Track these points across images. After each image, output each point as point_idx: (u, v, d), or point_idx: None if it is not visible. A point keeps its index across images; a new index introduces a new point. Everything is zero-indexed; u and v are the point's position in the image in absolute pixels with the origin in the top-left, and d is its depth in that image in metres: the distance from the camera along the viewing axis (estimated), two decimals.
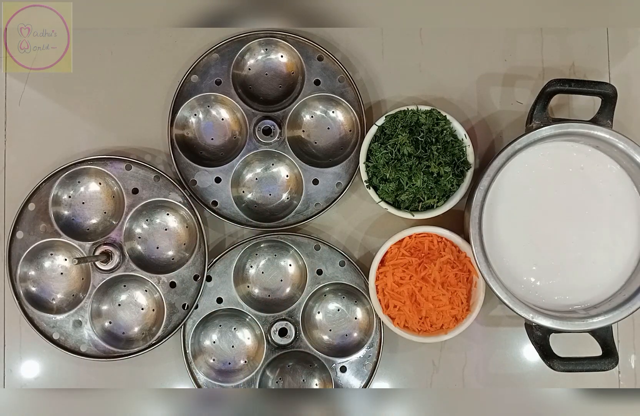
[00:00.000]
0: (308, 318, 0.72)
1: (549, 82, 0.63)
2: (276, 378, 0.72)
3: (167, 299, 0.69)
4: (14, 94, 0.73)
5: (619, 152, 0.64)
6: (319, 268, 0.71)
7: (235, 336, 0.72)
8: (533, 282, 0.66)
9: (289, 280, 0.73)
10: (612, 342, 0.64)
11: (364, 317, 0.72)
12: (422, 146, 0.66)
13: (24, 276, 0.69)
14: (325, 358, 0.70)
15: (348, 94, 0.71)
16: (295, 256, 0.72)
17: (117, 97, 0.73)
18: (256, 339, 0.72)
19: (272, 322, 0.71)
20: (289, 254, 0.73)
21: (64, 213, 0.70)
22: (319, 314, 0.73)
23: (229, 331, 0.72)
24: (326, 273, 0.71)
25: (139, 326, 0.71)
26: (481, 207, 0.63)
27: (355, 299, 0.72)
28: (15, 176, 0.72)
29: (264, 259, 0.73)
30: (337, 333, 0.72)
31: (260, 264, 0.73)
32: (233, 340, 0.72)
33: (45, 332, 0.69)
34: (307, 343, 0.70)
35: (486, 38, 0.74)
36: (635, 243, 0.66)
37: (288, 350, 0.71)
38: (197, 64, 0.71)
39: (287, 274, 0.73)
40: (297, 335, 0.71)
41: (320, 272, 0.71)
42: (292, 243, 0.71)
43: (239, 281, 0.72)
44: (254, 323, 0.71)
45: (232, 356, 0.72)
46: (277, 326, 0.70)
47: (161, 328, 0.69)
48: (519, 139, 0.63)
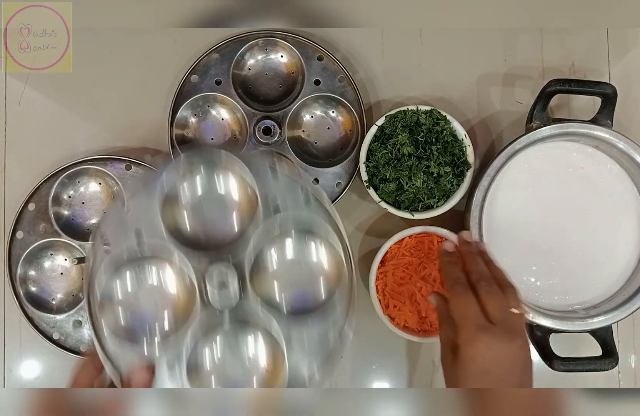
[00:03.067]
0: (258, 265, 0.54)
1: (549, 82, 0.63)
2: (213, 354, 0.54)
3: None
4: (14, 94, 0.73)
5: (619, 153, 0.64)
6: (276, 203, 0.54)
7: (158, 288, 0.53)
8: (533, 282, 0.67)
9: (234, 209, 0.55)
10: (612, 342, 0.64)
11: (332, 266, 0.55)
12: (422, 146, 0.66)
13: (24, 276, 0.69)
14: (279, 317, 0.53)
15: (348, 94, 0.71)
16: (244, 179, 0.54)
17: (117, 97, 0.73)
18: (186, 291, 0.54)
19: (209, 271, 0.52)
20: (237, 178, 0.54)
21: (64, 213, 0.70)
22: (273, 261, 0.55)
23: (149, 280, 0.54)
24: (285, 206, 0.54)
25: None
26: (481, 207, 0.63)
27: (321, 241, 0.55)
28: (15, 176, 0.72)
29: (198, 186, 0.54)
30: (295, 286, 0.55)
31: (192, 191, 0.54)
32: (153, 292, 0.53)
33: (45, 332, 0.69)
34: (256, 303, 0.53)
35: (486, 38, 0.74)
36: (635, 242, 0.66)
37: (230, 311, 0.53)
38: (197, 64, 0.71)
39: (232, 203, 0.55)
40: (242, 290, 0.53)
41: (277, 206, 0.54)
42: (241, 167, 0.53)
43: (166, 210, 0.53)
44: (184, 270, 0.53)
45: (152, 313, 0.54)
46: (217, 276, 0.52)
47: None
48: (519, 139, 0.63)
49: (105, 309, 0.53)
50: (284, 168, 0.55)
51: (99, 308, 0.52)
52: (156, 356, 0.53)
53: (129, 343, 0.53)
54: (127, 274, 0.54)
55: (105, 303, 0.53)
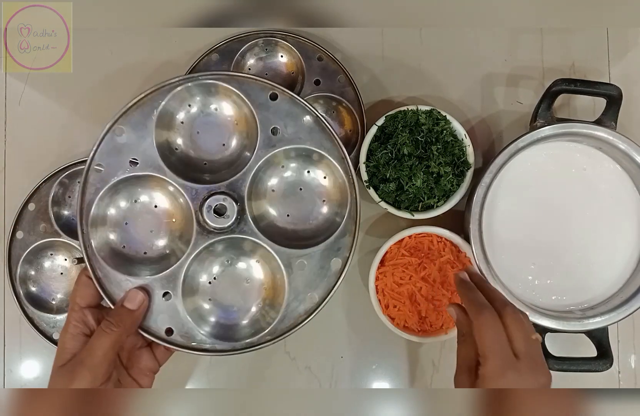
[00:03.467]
0: (257, 193, 0.55)
1: (555, 81, 0.63)
2: (208, 277, 0.55)
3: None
4: (14, 94, 0.73)
5: (620, 154, 0.64)
6: (274, 126, 0.53)
7: (153, 213, 0.54)
8: (531, 280, 0.67)
9: (232, 137, 0.55)
10: (608, 343, 0.64)
11: (335, 190, 0.55)
12: (422, 146, 0.66)
13: (24, 276, 0.69)
14: (277, 249, 0.52)
15: (348, 94, 0.71)
16: (240, 104, 0.53)
17: (117, 97, 0.73)
18: (184, 220, 0.54)
19: (205, 196, 0.52)
20: (231, 103, 0.54)
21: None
22: (273, 188, 0.55)
23: (145, 206, 0.54)
24: (284, 132, 0.53)
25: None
26: (482, 204, 0.63)
27: (323, 166, 0.55)
28: (15, 176, 0.72)
29: (194, 109, 0.53)
30: (296, 212, 0.54)
31: (191, 112, 0.54)
32: (150, 219, 0.54)
33: (45, 332, 0.69)
34: (252, 227, 0.53)
35: (486, 38, 0.74)
36: (634, 245, 0.66)
37: (226, 236, 0.53)
38: (197, 64, 0.71)
39: (230, 130, 0.54)
40: (239, 216, 0.53)
41: (275, 131, 0.54)
42: (237, 89, 0.53)
43: (162, 135, 0.53)
44: (180, 195, 0.53)
45: (147, 240, 0.54)
46: (212, 201, 0.52)
47: None
48: (522, 138, 0.63)
49: (99, 236, 0.52)
50: (285, 96, 0.53)
51: (91, 231, 0.52)
52: (151, 279, 0.53)
53: (122, 267, 0.53)
54: (120, 200, 0.53)
55: (98, 225, 0.52)
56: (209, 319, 0.56)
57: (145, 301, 0.53)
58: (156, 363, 0.57)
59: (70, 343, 0.51)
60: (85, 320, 0.52)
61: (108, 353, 0.50)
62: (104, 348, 0.50)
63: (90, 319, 0.52)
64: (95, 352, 0.50)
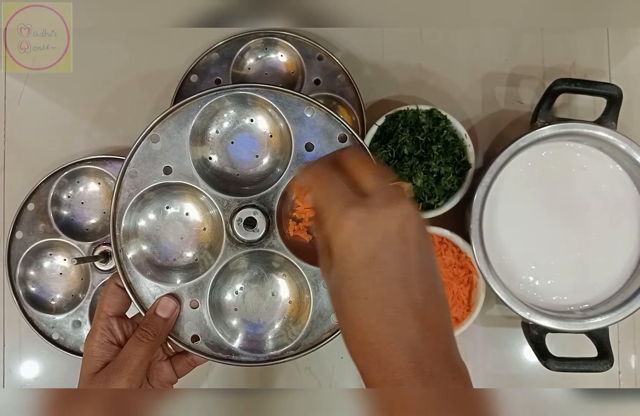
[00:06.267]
0: (287, 206, 0.54)
1: (556, 81, 0.63)
2: (235, 288, 0.55)
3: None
4: (14, 94, 0.73)
5: (621, 154, 0.64)
6: (309, 141, 0.53)
7: (184, 222, 0.54)
8: (532, 281, 0.66)
9: (266, 150, 0.55)
10: (608, 344, 0.64)
11: None
12: (423, 145, 0.66)
13: (23, 276, 0.69)
14: (305, 266, 0.52)
15: (348, 93, 0.71)
16: (275, 117, 0.53)
17: (117, 97, 0.73)
18: (214, 230, 0.54)
19: (236, 208, 0.53)
20: (267, 115, 0.54)
21: (63, 213, 0.70)
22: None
23: (177, 214, 0.55)
24: (318, 148, 0.53)
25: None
26: (482, 203, 0.63)
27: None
28: (15, 176, 0.72)
29: (229, 121, 0.54)
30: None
31: (224, 126, 0.54)
32: (181, 227, 0.54)
33: (45, 332, 0.69)
34: (281, 242, 0.53)
35: (486, 38, 0.74)
36: (635, 245, 0.66)
37: (255, 248, 0.53)
38: (197, 64, 0.71)
39: (264, 143, 0.55)
40: (268, 230, 0.53)
41: (310, 147, 0.53)
42: (274, 101, 0.53)
43: (196, 144, 0.54)
44: (211, 205, 0.53)
45: (177, 247, 0.55)
46: (243, 214, 0.52)
47: None
48: (523, 137, 0.63)
49: (131, 242, 0.53)
50: (321, 111, 0.53)
51: (123, 241, 0.53)
52: (180, 287, 0.53)
53: (152, 273, 0.54)
54: (153, 207, 0.54)
55: (130, 235, 0.53)
56: (234, 329, 0.56)
57: (177, 309, 0.53)
58: (174, 375, 0.57)
59: (98, 350, 0.51)
60: (112, 328, 0.52)
61: (144, 362, 0.51)
62: (140, 357, 0.50)
63: (116, 328, 0.53)
64: (132, 361, 0.50)
